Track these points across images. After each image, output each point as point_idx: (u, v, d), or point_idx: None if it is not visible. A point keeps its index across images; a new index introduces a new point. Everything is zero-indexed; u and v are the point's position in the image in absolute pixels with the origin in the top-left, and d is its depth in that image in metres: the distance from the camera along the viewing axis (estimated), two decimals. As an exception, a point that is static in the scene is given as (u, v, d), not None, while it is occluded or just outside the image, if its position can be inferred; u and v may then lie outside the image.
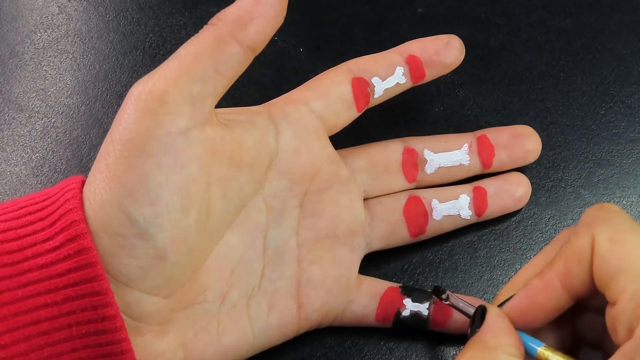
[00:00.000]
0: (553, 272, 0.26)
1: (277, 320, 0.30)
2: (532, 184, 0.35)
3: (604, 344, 0.27)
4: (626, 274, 0.24)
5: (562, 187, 0.36)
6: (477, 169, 0.34)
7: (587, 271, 0.25)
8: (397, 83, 0.32)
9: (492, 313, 0.27)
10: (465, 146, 0.34)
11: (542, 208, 0.35)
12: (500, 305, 0.27)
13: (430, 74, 0.33)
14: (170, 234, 0.26)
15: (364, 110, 0.33)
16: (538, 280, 0.26)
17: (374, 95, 0.32)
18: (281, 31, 0.39)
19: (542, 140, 0.35)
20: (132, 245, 0.26)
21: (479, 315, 0.27)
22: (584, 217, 0.26)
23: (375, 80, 0.32)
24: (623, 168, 0.36)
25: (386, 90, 0.32)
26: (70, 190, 0.27)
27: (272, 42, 0.39)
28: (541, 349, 0.26)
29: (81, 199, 0.26)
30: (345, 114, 0.32)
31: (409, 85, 0.33)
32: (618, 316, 0.24)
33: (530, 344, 0.26)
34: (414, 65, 0.32)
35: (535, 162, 0.36)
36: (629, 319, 0.23)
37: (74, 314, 0.26)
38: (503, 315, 0.27)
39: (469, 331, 0.28)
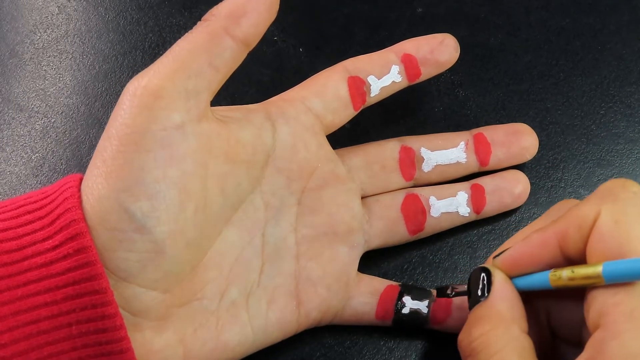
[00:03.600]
0: (552, 229, 0.26)
1: (277, 318, 0.30)
2: (531, 183, 0.35)
3: (582, 341, 0.27)
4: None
5: (561, 187, 0.36)
6: (474, 167, 0.34)
7: (582, 240, 0.25)
8: (393, 81, 0.33)
9: (499, 279, 0.27)
10: (462, 144, 0.34)
11: (541, 208, 0.35)
12: (496, 257, 0.28)
13: (426, 73, 0.33)
14: (168, 227, 0.26)
15: (360, 109, 0.33)
16: (537, 235, 0.26)
17: (370, 94, 0.32)
18: (281, 31, 0.40)
19: (541, 141, 0.35)
20: (130, 240, 0.26)
21: (481, 279, 0.27)
22: (601, 187, 0.26)
23: (371, 79, 0.32)
24: (622, 168, 0.36)
25: (382, 88, 0.32)
26: (68, 189, 0.27)
27: (271, 42, 0.39)
28: (551, 274, 0.26)
29: (79, 197, 0.27)
30: (342, 113, 0.32)
31: (405, 83, 0.33)
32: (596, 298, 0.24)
33: (538, 278, 0.26)
34: (409, 63, 0.33)
35: (534, 162, 0.36)
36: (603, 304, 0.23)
37: (73, 313, 0.25)
38: (508, 281, 0.27)
39: (469, 297, 0.28)
